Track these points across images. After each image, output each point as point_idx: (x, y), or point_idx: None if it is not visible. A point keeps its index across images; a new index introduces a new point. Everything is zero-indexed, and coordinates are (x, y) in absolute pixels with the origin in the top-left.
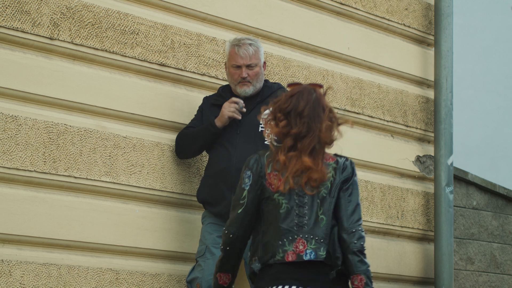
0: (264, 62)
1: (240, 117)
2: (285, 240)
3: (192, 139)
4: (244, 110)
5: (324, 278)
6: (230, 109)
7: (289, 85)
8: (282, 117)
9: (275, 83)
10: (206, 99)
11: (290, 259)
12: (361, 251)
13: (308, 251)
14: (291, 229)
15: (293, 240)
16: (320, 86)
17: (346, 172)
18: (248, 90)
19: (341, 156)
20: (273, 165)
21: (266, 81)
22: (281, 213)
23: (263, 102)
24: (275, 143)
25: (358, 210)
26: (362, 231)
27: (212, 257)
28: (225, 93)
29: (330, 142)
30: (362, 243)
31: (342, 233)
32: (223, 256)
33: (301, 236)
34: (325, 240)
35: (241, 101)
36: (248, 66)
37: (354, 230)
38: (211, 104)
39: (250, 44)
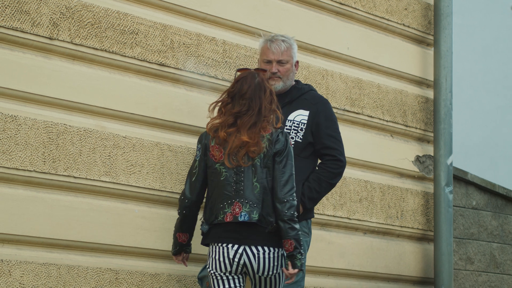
0: (297, 61)
1: None
2: (225, 203)
3: None
4: None
5: (257, 236)
6: None
7: (238, 70)
8: (229, 100)
9: (306, 84)
10: None
11: (228, 219)
12: (291, 219)
13: (243, 214)
14: (230, 193)
15: (231, 204)
16: (264, 71)
17: (279, 144)
18: (278, 85)
19: (276, 129)
20: (215, 140)
21: (297, 82)
22: (221, 180)
23: (292, 103)
24: (292, 142)
25: (291, 181)
26: (294, 200)
27: None
28: None
29: (269, 118)
30: (292, 212)
31: (275, 202)
32: (181, 219)
33: (237, 200)
34: (258, 204)
35: None
36: (279, 62)
37: (285, 200)
38: None
39: (283, 41)
